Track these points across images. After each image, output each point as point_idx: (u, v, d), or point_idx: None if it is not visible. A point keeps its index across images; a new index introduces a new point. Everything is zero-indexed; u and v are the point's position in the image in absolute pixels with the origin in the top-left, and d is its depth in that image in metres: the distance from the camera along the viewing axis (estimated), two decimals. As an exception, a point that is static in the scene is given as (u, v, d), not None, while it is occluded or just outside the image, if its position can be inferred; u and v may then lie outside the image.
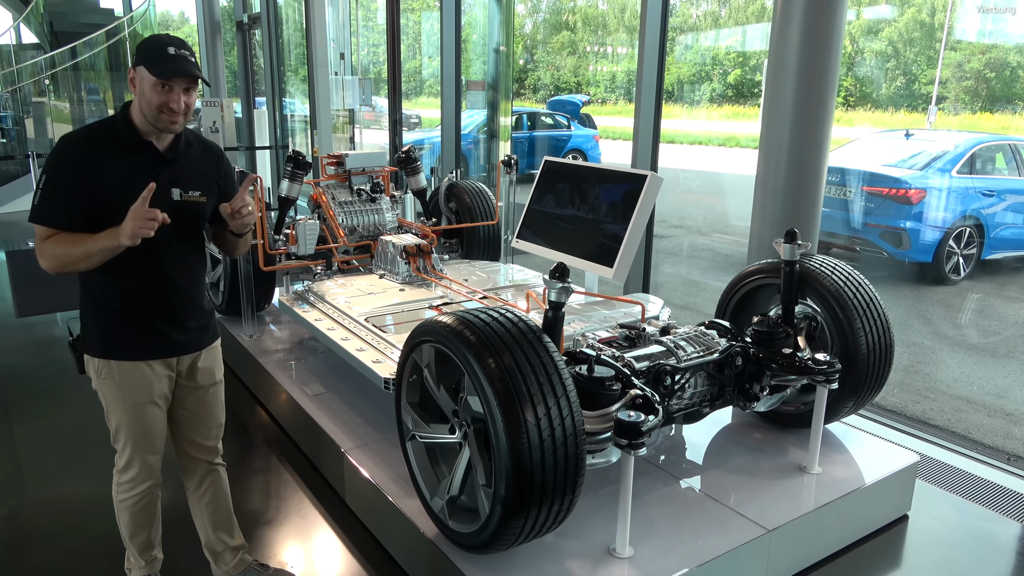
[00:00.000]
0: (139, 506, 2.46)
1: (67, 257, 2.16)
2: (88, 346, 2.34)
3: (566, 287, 2.38)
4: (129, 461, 2.41)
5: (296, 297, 4.31)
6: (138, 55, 2.19)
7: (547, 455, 2.13)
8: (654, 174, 3.75)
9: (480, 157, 8.49)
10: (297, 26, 10.99)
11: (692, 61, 21.12)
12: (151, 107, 2.17)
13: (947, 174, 7.10)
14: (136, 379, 2.34)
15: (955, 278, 7.05)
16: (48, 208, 2.17)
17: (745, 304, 3.50)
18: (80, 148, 2.20)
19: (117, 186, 2.18)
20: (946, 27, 15.65)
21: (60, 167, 2.17)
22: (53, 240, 2.17)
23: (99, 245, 2.14)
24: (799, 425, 3.31)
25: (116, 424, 2.39)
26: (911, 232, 6.86)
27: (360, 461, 3.08)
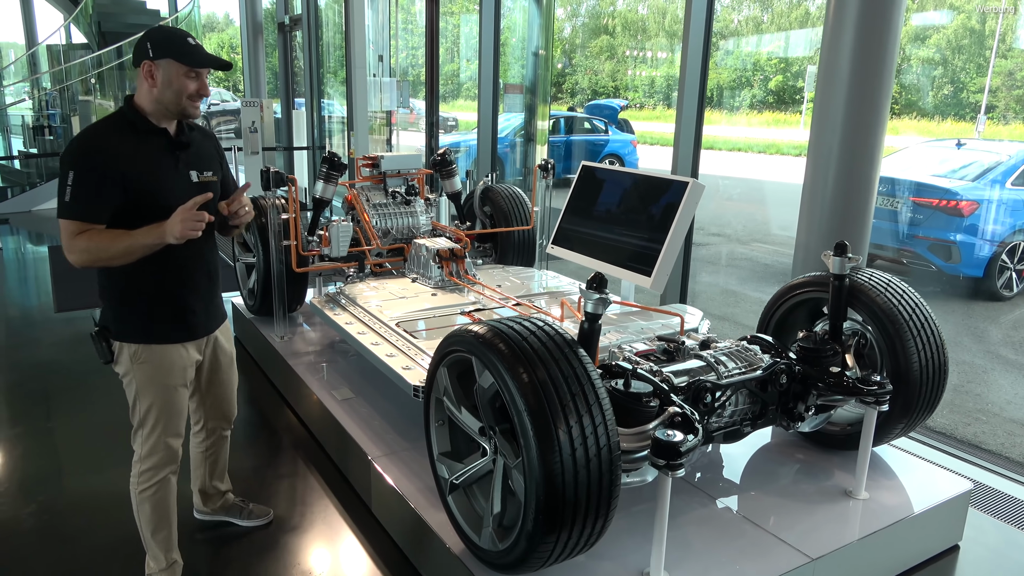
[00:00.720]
0: (160, 494, 2.52)
1: (104, 253, 2.22)
2: (124, 333, 2.39)
3: (604, 298, 2.28)
4: (154, 446, 2.48)
5: (328, 299, 4.27)
6: (159, 47, 2.25)
7: (580, 473, 2.04)
8: (695, 181, 3.63)
9: (516, 161, 8.42)
10: (337, 28, 11.05)
11: (732, 67, 20.82)
12: (179, 95, 2.28)
13: (1001, 186, 6.83)
14: (174, 361, 2.44)
15: (1007, 294, 6.77)
16: (79, 204, 2.20)
17: (789, 318, 3.37)
18: (103, 141, 2.25)
19: (143, 173, 2.26)
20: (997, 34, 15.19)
21: (87, 161, 2.21)
22: (86, 236, 2.21)
23: (141, 242, 2.23)
24: (844, 447, 3.16)
25: (146, 409, 2.45)
26: (961, 245, 6.61)
27: (387, 470, 3.01)
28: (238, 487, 3.24)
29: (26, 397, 4.37)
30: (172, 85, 2.27)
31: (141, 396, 2.44)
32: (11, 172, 11.59)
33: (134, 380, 2.42)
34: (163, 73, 2.26)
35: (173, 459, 2.53)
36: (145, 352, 2.40)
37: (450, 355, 2.43)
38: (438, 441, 2.62)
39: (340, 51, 10.99)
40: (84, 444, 3.81)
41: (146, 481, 2.50)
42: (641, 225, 3.79)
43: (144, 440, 2.48)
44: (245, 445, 3.76)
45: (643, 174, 3.93)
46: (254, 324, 4.84)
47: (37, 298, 6.52)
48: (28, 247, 8.56)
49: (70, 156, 2.22)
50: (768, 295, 3.45)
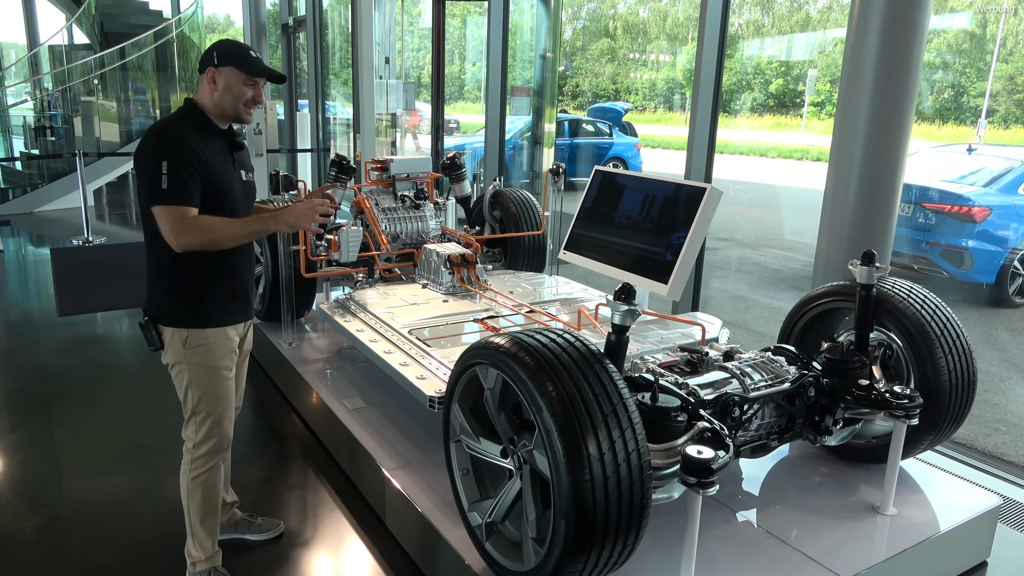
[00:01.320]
0: (211, 480, 2.61)
1: (219, 236, 2.37)
2: (176, 319, 2.48)
3: (632, 310, 2.21)
4: (210, 430, 2.57)
5: (337, 305, 4.19)
6: (223, 57, 2.45)
7: (611, 491, 1.97)
8: (713, 187, 3.55)
9: (523, 164, 8.35)
10: (341, 30, 10.99)
11: (733, 70, 20.79)
12: (237, 100, 2.47)
13: (1013, 192, 6.77)
14: (224, 344, 2.55)
15: (1019, 300, 6.71)
16: (181, 188, 2.32)
17: (811, 329, 3.30)
18: (184, 133, 2.39)
19: (214, 167, 2.42)
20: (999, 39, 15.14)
21: (179, 148, 2.33)
22: (198, 221, 2.34)
23: (251, 228, 2.44)
24: (869, 460, 3.09)
25: (199, 395, 2.53)
26: (974, 251, 6.55)
27: (402, 483, 2.94)
28: (247, 499, 3.16)
29: (28, 403, 4.29)
30: (232, 91, 2.45)
31: (195, 382, 2.52)
32: (12, 173, 11.50)
33: (186, 367, 2.50)
34: (224, 79, 2.45)
35: (226, 443, 2.64)
36: (197, 336, 2.48)
37: (473, 367, 2.36)
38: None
39: (343, 53, 10.92)
40: (87, 451, 3.73)
41: (200, 467, 2.59)
42: (657, 231, 3.72)
43: (199, 426, 2.57)
44: (253, 455, 3.68)
45: (659, 179, 3.86)
46: (261, 330, 4.76)
47: (39, 301, 6.44)
48: (29, 249, 8.48)
49: (158, 147, 2.33)
50: (778, 301, 3.40)
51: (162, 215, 2.32)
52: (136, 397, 4.43)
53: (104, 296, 6.38)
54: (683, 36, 28.31)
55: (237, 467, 3.47)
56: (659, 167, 16.20)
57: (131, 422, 4.08)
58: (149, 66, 12.28)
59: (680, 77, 26.09)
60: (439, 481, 2.92)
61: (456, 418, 2.50)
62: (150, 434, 3.92)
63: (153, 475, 3.47)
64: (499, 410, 2.36)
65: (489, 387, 2.39)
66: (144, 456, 3.67)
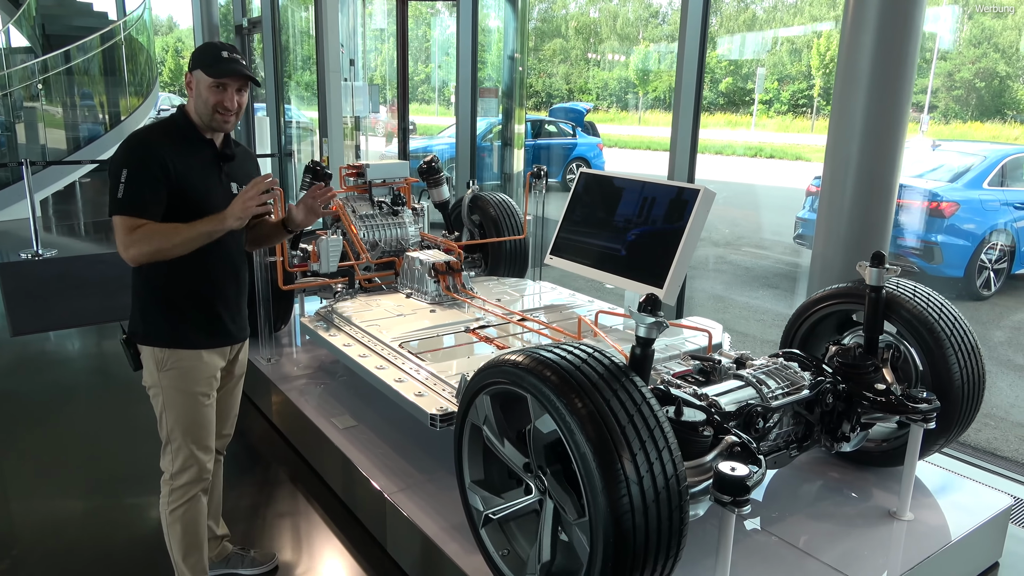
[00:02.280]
0: (190, 513, 2.45)
1: (165, 243, 2.19)
2: (152, 338, 2.35)
3: (659, 322, 2.10)
4: (186, 461, 2.41)
5: (319, 318, 4.01)
6: (194, 60, 2.32)
7: (650, 510, 1.86)
8: (707, 188, 3.49)
9: (494, 166, 8.22)
10: (296, 31, 10.70)
11: (684, 69, 20.93)
12: (207, 107, 2.29)
13: (978, 186, 6.89)
14: (200, 369, 2.38)
15: (986, 293, 6.84)
16: (136, 198, 2.19)
17: (814, 332, 3.24)
18: (153, 140, 2.27)
19: (190, 178, 2.28)
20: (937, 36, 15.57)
21: (141, 157, 2.21)
22: (144, 230, 2.19)
23: (199, 230, 2.22)
24: (879, 464, 3.05)
25: (173, 421, 2.39)
26: (944, 246, 6.65)
27: (405, 507, 2.78)
28: (234, 530, 2.97)
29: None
30: (202, 96, 2.30)
31: (169, 407, 2.38)
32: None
33: (160, 389, 2.37)
34: (196, 85, 2.31)
35: (204, 474, 2.47)
36: (171, 357, 2.35)
37: (490, 387, 2.23)
38: (470, 467, 2.40)
39: (295, 55, 10.64)
40: (46, 479, 3.48)
41: (178, 500, 2.43)
42: (649, 234, 3.64)
43: (175, 455, 2.42)
44: (238, 481, 3.48)
45: (650, 181, 3.78)
46: (235, 345, 4.54)
47: (-12, 320, 6.07)
48: (-27, 264, 8.03)
49: (122, 155, 2.23)
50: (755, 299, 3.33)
51: (115, 226, 2.21)
52: (101, 422, 4.17)
53: (60, 313, 6.04)
54: (634, 36, 28.52)
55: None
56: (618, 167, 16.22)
57: (97, 449, 3.83)
58: (96, 70, 11.79)
59: (632, 77, 26.27)
60: (444, 504, 2.78)
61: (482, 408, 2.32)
62: (118, 462, 3.68)
63: (123, 506, 3.25)
64: (502, 439, 2.24)
65: (483, 420, 2.26)
66: (113, 486, 3.44)
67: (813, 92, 20.20)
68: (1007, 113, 14.68)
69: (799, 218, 7.75)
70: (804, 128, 20.44)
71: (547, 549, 2.11)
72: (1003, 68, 15.15)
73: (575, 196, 4.12)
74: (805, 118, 20.80)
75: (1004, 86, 15.25)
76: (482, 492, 2.36)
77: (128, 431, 3.97)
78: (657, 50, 25.71)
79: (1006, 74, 15.13)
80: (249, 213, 2.26)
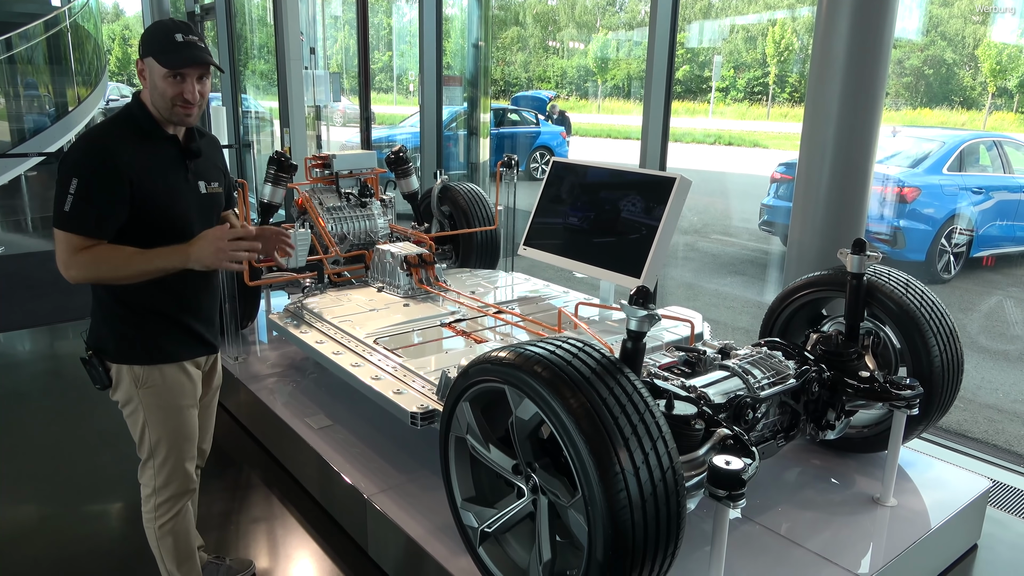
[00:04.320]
0: (181, 524, 2.35)
1: (114, 273, 2.02)
2: (128, 356, 2.17)
3: (651, 314, 2.06)
4: (171, 474, 2.29)
5: (288, 315, 3.88)
6: (144, 45, 2.05)
7: (648, 505, 1.81)
8: (683, 176, 3.46)
9: (459, 155, 8.11)
10: (251, 18, 10.41)
11: (641, 57, 21.02)
12: (164, 99, 2.06)
13: (938, 171, 7.02)
14: (182, 382, 2.26)
15: (946, 276, 6.99)
16: (83, 216, 1.97)
17: (793, 320, 3.24)
18: (111, 144, 2.02)
19: (153, 183, 2.06)
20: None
21: (96, 167, 1.98)
22: (90, 254, 1.99)
23: (156, 266, 2.03)
24: (860, 450, 3.06)
25: (157, 437, 2.25)
26: (906, 231, 6.76)
27: (388, 509, 2.70)
28: (208, 538, 2.86)
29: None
30: (157, 88, 2.05)
31: (151, 423, 2.23)
32: None
33: (140, 407, 2.21)
34: (149, 74, 2.06)
35: (190, 485, 2.36)
36: (151, 374, 2.19)
37: (477, 385, 2.15)
38: (460, 484, 2.33)
39: (249, 43, 10.36)
40: (1, 488, 3.31)
41: (165, 514, 2.31)
42: (625, 224, 3.59)
43: (158, 470, 2.27)
44: (209, 486, 3.32)
45: (625, 170, 3.74)
46: (199, 344, 4.38)
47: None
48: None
49: (73, 160, 1.98)
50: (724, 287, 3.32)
51: (57, 241, 1.99)
52: (58, 428, 3.98)
53: (10, 313, 5.79)
54: (592, 24, 28.52)
55: (193, 501, 3.16)
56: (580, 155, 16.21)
57: (55, 456, 3.66)
58: (40, 59, 11.33)
59: (591, 65, 26.28)
60: (428, 505, 2.70)
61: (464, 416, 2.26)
62: (77, 470, 3.52)
63: (85, 516, 3.10)
64: (487, 445, 2.18)
65: (466, 430, 2.20)
66: (73, 495, 3.29)
67: (768, 80, 20.46)
68: (954, 99, 15.04)
69: (764, 205, 7.82)
70: (760, 115, 20.69)
71: (547, 548, 2.05)
72: (950, 56, 15.48)
73: (548, 185, 4.05)
74: (761, 105, 21.07)
75: (951, 73, 15.60)
76: (475, 508, 2.28)
77: (87, 437, 3.80)
78: (615, 38, 25.77)
79: (953, 61, 15.47)
80: (220, 265, 2.02)
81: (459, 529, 2.35)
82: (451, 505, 2.37)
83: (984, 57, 14.66)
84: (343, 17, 11.77)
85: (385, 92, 18.75)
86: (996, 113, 14.06)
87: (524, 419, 2.00)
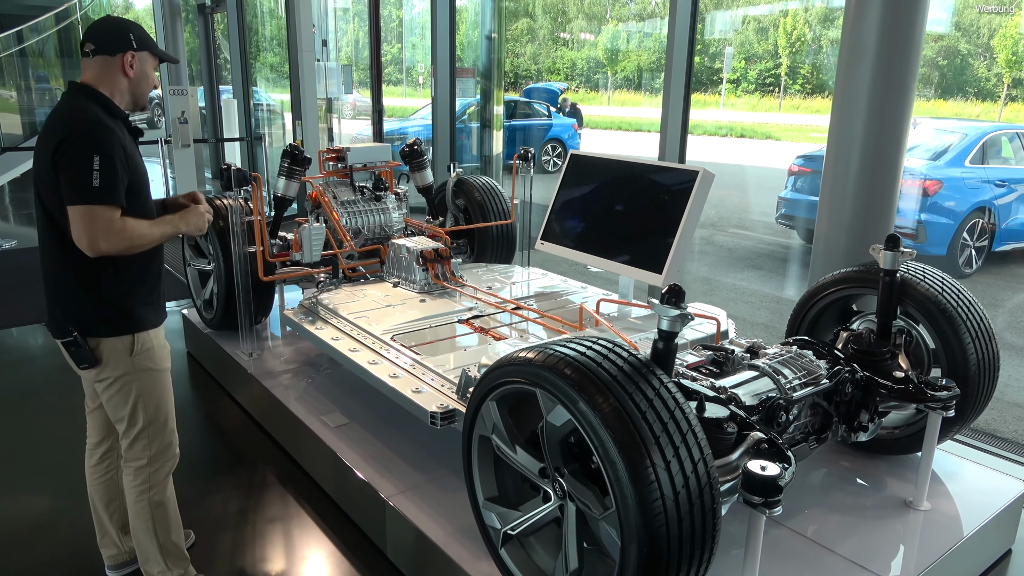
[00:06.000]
0: (171, 489, 2.49)
1: (145, 239, 2.22)
2: (115, 327, 2.28)
3: (684, 314, 1.98)
4: (162, 442, 2.42)
5: (303, 310, 3.82)
6: (141, 41, 2.28)
7: (683, 513, 1.74)
8: (706, 170, 3.37)
9: (472, 148, 8.03)
10: (262, 11, 10.35)
11: (653, 49, 20.86)
12: (145, 89, 2.33)
13: (960, 164, 6.89)
14: (164, 345, 2.42)
15: (967, 271, 6.87)
16: (113, 187, 2.12)
17: (821, 317, 3.15)
18: (108, 124, 2.17)
19: (135, 160, 2.25)
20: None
21: (110, 143, 2.13)
22: (123, 224, 2.14)
23: (167, 231, 2.31)
24: (891, 451, 2.98)
25: (153, 405, 2.37)
26: (927, 225, 6.64)
27: (408, 511, 2.64)
28: (223, 538, 2.81)
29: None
30: (147, 77, 2.33)
31: (145, 393, 2.35)
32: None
33: (136, 376, 2.32)
34: (140, 65, 2.29)
35: (176, 449, 2.50)
36: (142, 341, 2.32)
37: (502, 387, 2.09)
38: (483, 483, 2.27)
39: (261, 35, 10.30)
40: (19, 480, 3.27)
41: (157, 483, 2.43)
42: (645, 218, 3.50)
43: (152, 439, 2.39)
44: (224, 484, 3.30)
45: (645, 163, 3.65)
46: (213, 339, 4.34)
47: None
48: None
49: (88, 139, 2.10)
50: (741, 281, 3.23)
51: (86, 216, 2.09)
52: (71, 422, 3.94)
53: (22, 308, 5.76)
54: (601, 15, 28.31)
55: (205, 499, 3.12)
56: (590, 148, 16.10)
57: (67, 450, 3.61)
58: (51, 52, 11.31)
59: (601, 56, 26.12)
60: (448, 506, 2.64)
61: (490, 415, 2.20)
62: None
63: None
64: (514, 446, 2.11)
65: (491, 430, 2.13)
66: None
67: (780, 71, 20.26)
68: (968, 91, 14.84)
69: (781, 198, 7.70)
70: (772, 107, 20.49)
71: (574, 556, 1.98)
72: (964, 46, 15.28)
73: (565, 179, 3.97)
74: (773, 97, 20.87)
75: (965, 64, 15.41)
76: (498, 508, 2.22)
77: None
78: (625, 29, 25.59)
79: (967, 52, 15.27)
80: (203, 231, 2.45)
81: (481, 530, 2.29)
82: (473, 507, 2.31)
83: (1000, 48, 14.45)
84: (352, 9, 11.68)
85: (395, 84, 18.66)
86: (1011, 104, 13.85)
87: (556, 425, 1.93)
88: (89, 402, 2.56)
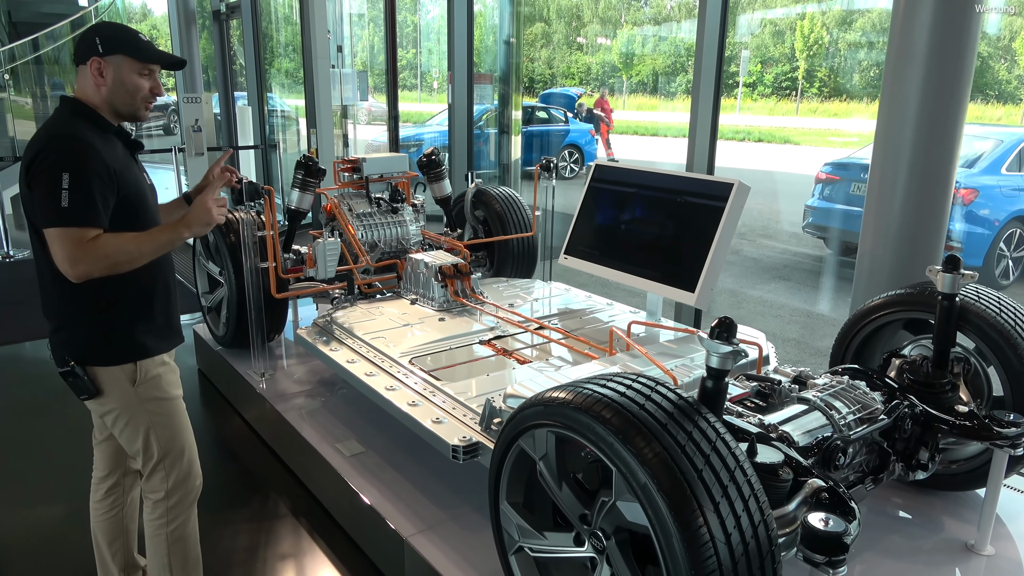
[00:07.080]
0: (192, 524, 2.35)
1: (132, 255, 2.02)
2: (114, 355, 2.13)
3: (736, 351, 1.79)
4: (181, 473, 2.28)
5: (317, 329, 3.66)
6: (109, 43, 2.07)
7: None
8: (741, 182, 3.17)
9: (490, 155, 7.86)
10: (276, 17, 10.24)
11: (667, 52, 20.63)
12: (134, 96, 2.11)
13: (997, 171, 6.64)
14: (172, 372, 2.27)
15: (1004, 283, 6.61)
16: (86, 206, 1.95)
17: (868, 344, 2.95)
18: (87, 137, 2.01)
19: (124, 174, 2.09)
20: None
21: (84, 158, 1.96)
22: (98, 243, 1.96)
23: (161, 241, 2.08)
24: (948, 488, 2.76)
25: (166, 437, 2.23)
26: (962, 234, 6.39)
27: (427, 552, 2.46)
28: (233, 574, 2.64)
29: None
30: (125, 84, 2.10)
31: (156, 425, 2.21)
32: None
33: (142, 407, 2.18)
34: (114, 71, 2.08)
35: (199, 480, 2.36)
36: (145, 369, 2.17)
37: (531, 430, 1.90)
38: (509, 486, 2.08)
39: (276, 41, 10.19)
40: (35, 492, 3.12)
41: (176, 518, 2.29)
42: (676, 233, 3.31)
43: (169, 470, 2.25)
44: (234, 515, 3.13)
45: (674, 174, 3.45)
46: (223, 357, 4.18)
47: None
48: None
49: (55, 158, 1.94)
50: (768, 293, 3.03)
51: (56, 239, 1.94)
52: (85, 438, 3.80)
53: (33, 321, 5.64)
54: (616, 19, 28.12)
55: (214, 532, 2.95)
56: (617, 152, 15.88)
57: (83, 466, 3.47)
58: (67, 59, 11.26)
59: (616, 61, 25.93)
60: (472, 548, 2.46)
61: (511, 520, 2.03)
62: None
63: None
64: (560, 483, 1.91)
65: (540, 456, 1.94)
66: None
67: (797, 75, 19.99)
68: (989, 93, 14.54)
69: (808, 207, 7.47)
70: (789, 111, 20.21)
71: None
72: (983, 48, 14.98)
73: (590, 190, 3.79)
74: (789, 101, 20.59)
75: (985, 66, 15.10)
76: (519, 519, 2.03)
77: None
78: (640, 33, 25.38)
79: (987, 54, 14.97)
80: (215, 222, 2.14)
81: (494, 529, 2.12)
82: (499, 550, 2.13)
83: (1021, 50, 14.12)
84: (367, 15, 11.57)
85: (409, 90, 18.56)
86: (1033, 108, 13.56)
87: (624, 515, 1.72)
88: (97, 433, 2.42)
